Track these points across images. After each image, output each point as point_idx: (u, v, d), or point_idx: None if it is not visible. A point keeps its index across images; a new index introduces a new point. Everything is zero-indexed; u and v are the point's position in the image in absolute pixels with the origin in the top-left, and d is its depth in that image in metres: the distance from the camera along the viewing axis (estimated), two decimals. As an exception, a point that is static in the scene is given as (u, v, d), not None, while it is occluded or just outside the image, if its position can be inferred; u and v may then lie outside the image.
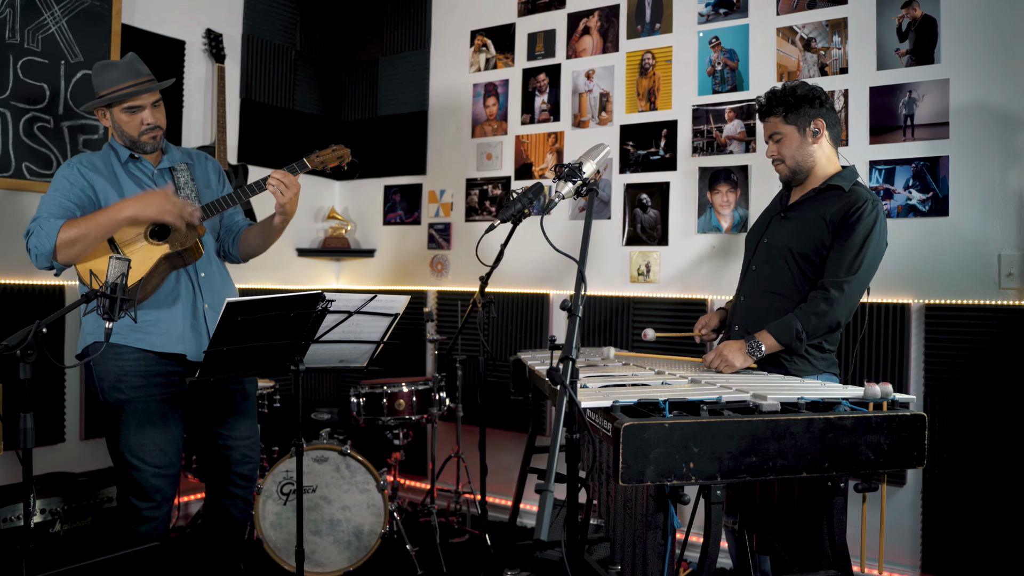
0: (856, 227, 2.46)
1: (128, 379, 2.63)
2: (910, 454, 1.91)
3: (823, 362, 2.60)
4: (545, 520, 1.38)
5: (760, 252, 2.71)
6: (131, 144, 2.75)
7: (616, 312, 3.98)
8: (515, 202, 2.91)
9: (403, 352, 4.75)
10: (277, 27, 4.69)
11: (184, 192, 2.79)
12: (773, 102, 2.63)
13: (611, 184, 4.04)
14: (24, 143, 3.50)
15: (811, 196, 2.62)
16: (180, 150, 2.96)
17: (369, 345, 2.70)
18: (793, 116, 2.60)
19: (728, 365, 2.47)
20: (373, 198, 4.97)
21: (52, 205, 2.60)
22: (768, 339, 2.48)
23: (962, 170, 3.18)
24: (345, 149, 2.96)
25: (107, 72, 2.71)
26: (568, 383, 1.58)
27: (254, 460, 2.91)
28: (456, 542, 3.92)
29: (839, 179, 2.59)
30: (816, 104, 2.59)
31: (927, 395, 3.22)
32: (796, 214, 2.65)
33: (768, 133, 2.69)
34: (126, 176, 2.75)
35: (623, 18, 4.03)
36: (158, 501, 2.67)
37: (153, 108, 2.73)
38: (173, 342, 2.67)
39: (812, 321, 2.45)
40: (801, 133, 2.60)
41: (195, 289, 2.75)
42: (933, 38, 3.23)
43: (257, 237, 2.96)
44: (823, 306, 2.44)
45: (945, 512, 3.18)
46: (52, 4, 3.58)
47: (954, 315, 3.18)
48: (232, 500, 2.88)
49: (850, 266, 2.46)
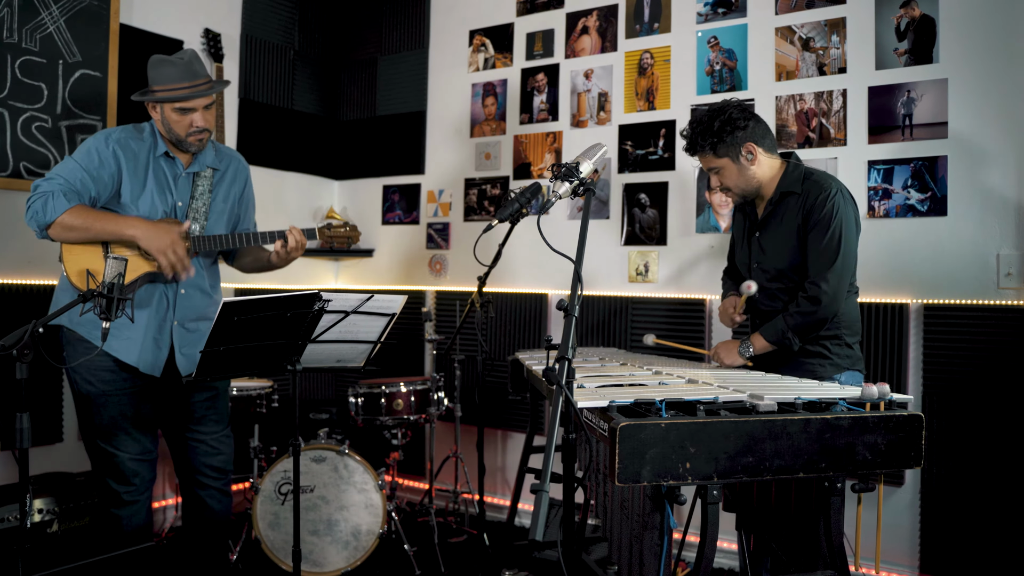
0: (819, 223, 2.50)
1: (99, 373, 2.65)
2: (907, 454, 1.90)
3: (847, 359, 2.61)
4: (540, 520, 1.38)
5: (756, 277, 2.71)
6: (176, 142, 2.73)
7: (615, 312, 3.98)
8: (513, 202, 2.90)
9: (402, 352, 4.74)
10: (275, 27, 4.69)
11: (196, 203, 2.79)
12: (698, 142, 2.63)
13: (610, 184, 4.04)
14: (22, 143, 3.50)
15: (771, 210, 2.65)
16: (216, 149, 2.90)
17: (366, 345, 2.69)
18: (722, 149, 2.60)
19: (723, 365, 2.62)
20: (372, 198, 4.97)
21: (72, 174, 2.57)
22: (759, 340, 2.59)
23: (961, 170, 3.17)
24: (358, 232, 3.06)
25: (164, 68, 2.66)
26: (564, 383, 1.58)
27: (225, 452, 2.90)
28: (455, 542, 3.91)
29: (788, 184, 2.60)
30: (739, 128, 2.57)
31: (925, 395, 3.22)
32: (768, 233, 2.67)
33: (704, 167, 2.72)
34: (152, 173, 2.72)
35: (622, 18, 4.02)
36: (137, 485, 2.69)
37: (205, 111, 2.70)
38: (128, 352, 2.66)
39: (798, 319, 2.51)
40: (736, 162, 2.61)
41: (169, 305, 2.74)
42: (932, 38, 3.22)
43: (252, 263, 3.03)
44: (808, 305, 2.50)
45: (944, 512, 3.18)
46: (50, 4, 3.58)
47: (953, 315, 3.18)
48: (207, 491, 2.87)
49: (827, 261, 2.49)
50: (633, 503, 1.98)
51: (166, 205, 2.73)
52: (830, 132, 3.43)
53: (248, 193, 3.02)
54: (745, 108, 2.62)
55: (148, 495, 2.77)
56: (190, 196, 2.79)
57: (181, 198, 2.77)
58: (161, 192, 2.73)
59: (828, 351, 2.57)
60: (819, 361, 2.57)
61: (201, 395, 2.86)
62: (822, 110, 3.44)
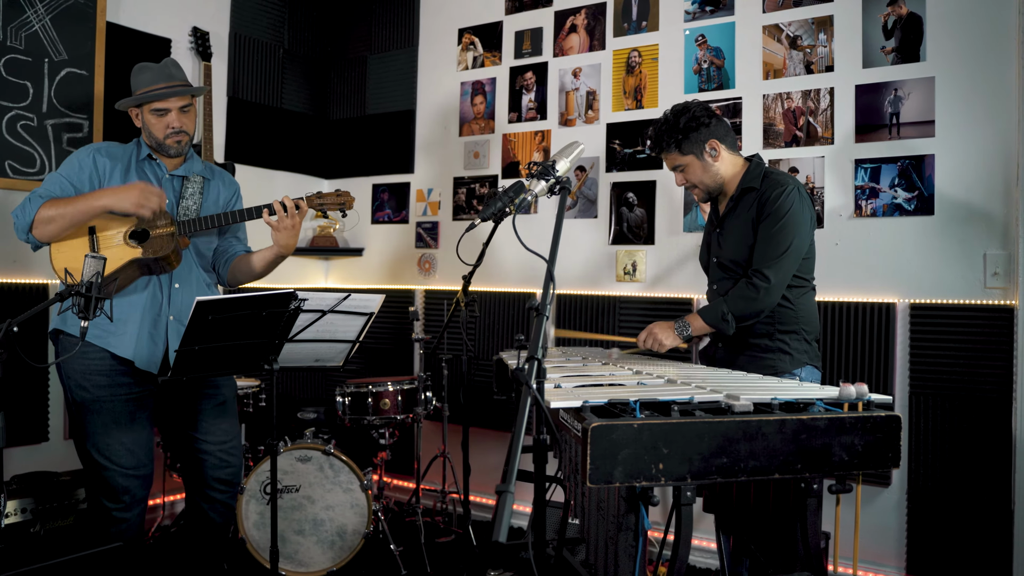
0: (771, 215, 2.55)
1: (93, 378, 2.62)
2: (885, 455, 1.89)
3: (805, 355, 2.65)
4: (504, 522, 1.37)
5: (713, 272, 2.80)
6: (157, 146, 2.76)
7: (602, 311, 3.97)
8: (495, 200, 2.87)
9: (391, 351, 4.73)
10: (265, 25, 4.67)
11: (187, 202, 2.79)
12: (663, 140, 2.69)
13: (597, 183, 4.02)
14: (7, 141, 3.48)
15: (732, 206, 2.71)
16: (206, 165, 2.95)
17: (345, 344, 2.68)
18: (687, 146, 2.66)
19: (659, 344, 2.67)
20: (362, 197, 4.95)
21: (53, 183, 2.65)
22: (696, 321, 2.64)
23: (947, 169, 3.16)
24: (350, 197, 2.90)
25: (142, 73, 2.75)
26: (532, 383, 1.56)
27: (234, 464, 2.86)
28: (442, 542, 3.90)
29: (749, 180, 2.66)
30: (703, 126, 2.64)
31: (912, 395, 3.20)
32: (728, 227, 2.73)
33: (670, 166, 2.77)
34: (136, 174, 2.75)
35: (610, 16, 4.01)
36: (127, 503, 2.64)
37: (180, 112, 2.74)
38: (125, 347, 2.64)
39: (739, 304, 2.56)
40: (700, 158, 2.68)
41: (163, 299, 2.72)
42: (919, 36, 3.21)
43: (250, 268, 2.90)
44: (750, 292, 2.54)
45: (930, 512, 3.16)
46: (35, 2, 3.56)
47: (939, 315, 3.16)
48: (211, 504, 2.83)
49: (773, 253, 2.54)
50: (609, 504, 1.97)
51: None
52: (817, 131, 3.41)
53: (238, 203, 3.02)
54: (707, 108, 2.69)
55: (140, 511, 2.71)
56: (179, 196, 2.80)
57: (167, 198, 2.76)
58: None
59: (788, 346, 2.62)
60: (779, 356, 2.61)
61: (209, 402, 2.82)
62: (809, 108, 3.43)
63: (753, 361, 2.62)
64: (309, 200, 2.80)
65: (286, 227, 2.71)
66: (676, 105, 2.72)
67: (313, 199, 2.82)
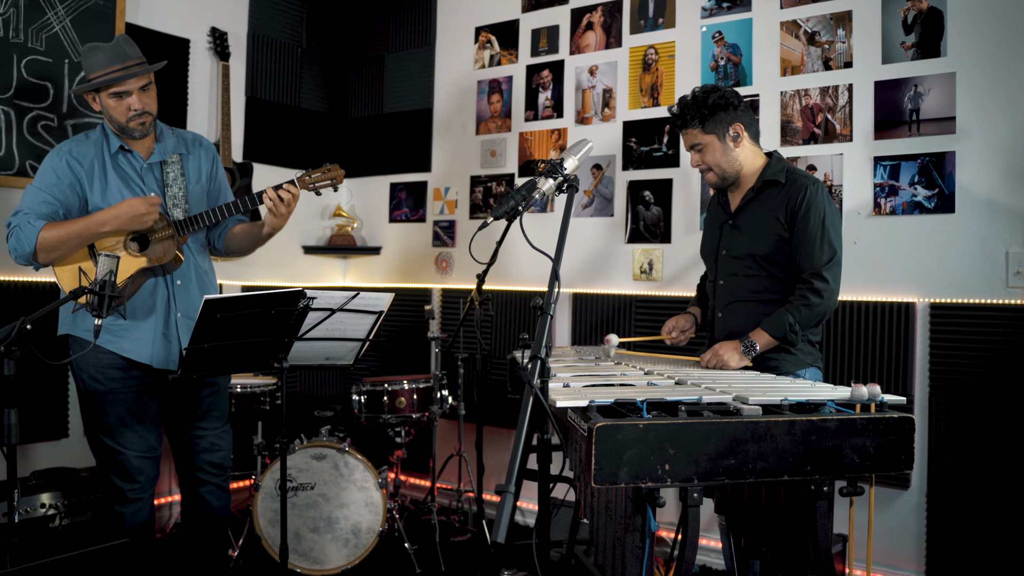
0: (810, 215, 2.50)
1: (106, 371, 2.65)
2: (897, 457, 1.86)
3: (810, 356, 2.62)
4: (504, 522, 1.36)
5: (723, 265, 2.73)
6: (120, 130, 2.68)
7: (618, 310, 3.94)
8: (508, 199, 2.87)
9: (408, 350, 4.74)
10: (283, 25, 4.70)
11: (172, 189, 2.75)
12: (688, 114, 2.63)
13: (614, 181, 4.00)
14: (27, 141, 3.53)
15: (752, 197, 2.64)
16: (175, 134, 2.86)
17: (355, 343, 2.68)
18: (710, 125, 2.60)
19: (724, 366, 2.50)
20: (379, 195, 4.97)
21: (36, 201, 2.58)
22: (762, 337, 2.52)
23: (969, 166, 3.10)
24: (339, 171, 2.79)
25: (94, 55, 2.60)
26: (535, 382, 1.55)
27: (223, 448, 2.90)
28: (458, 540, 3.90)
29: (772, 173, 2.61)
30: (731, 109, 2.59)
31: (932, 396, 3.15)
32: (745, 219, 2.66)
33: (688, 144, 2.69)
34: (114, 171, 2.69)
35: (626, 13, 3.99)
36: (141, 482, 2.71)
37: (141, 93, 2.62)
38: (140, 351, 2.66)
39: (804, 313, 2.48)
40: (721, 140, 2.62)
41: (170, 298, 2.73)
42: (939, 31, 3.15)
43: (243, 240, 2.91)
44: (813, 298, 2.48)
45: (950, 516, 3.11)
46: (56, 3, 3.61)
47: (960, 314, 3.11)
48: (206, 487, 2.87)
49: (824, 254, 2.49)
50: (617, 505, 1.95)
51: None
52: (835, 128, 3.37)
53: (219, 170, 2.97)
54: (737, 93, 2.64)
55: (151, 492, 2.78)
56: (163, 185, 2.74)
57: (152, 190, 2.72)
58: (127, 185, 2.70)
59: (796, 349, 2.57)
60: (783, 356, 2.57)
61: (205, 391, 2.86)
62: (827, 105, 3.39)
63: (757, 363, 2.57)
64: (300, 180, 2.72)
65: (282, 214, 2.67)
66: (706, 85, 2.65)
67: (304, 179, 2.73)
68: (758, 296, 2.62)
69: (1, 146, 3.44)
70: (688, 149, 2.71)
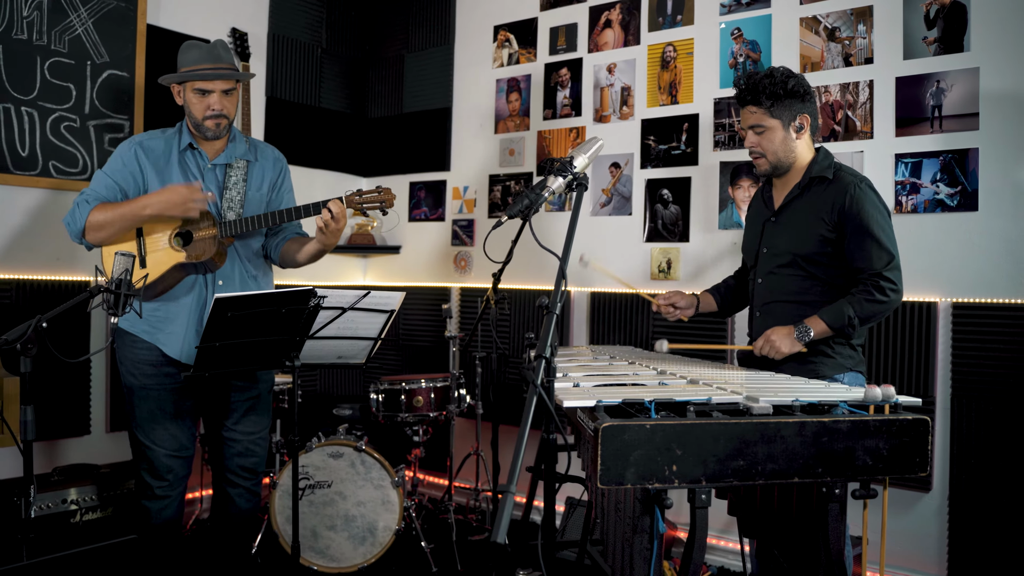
0: (861, 215, 2.40)
1: (141, 367, 2.70)
2: (911, 460, 1.82)
3: (850, 360, 2.52)
4: (503, 522, 1.35)
5: (763, 263, 2.64)
6: (195, 126, 2.76)
7: (636, 309, 3.92)
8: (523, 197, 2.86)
9: (429, 348, 4.75)
10: (303, 25, 4.72)
11: (231, 192, 2.78)
12: (760, 91, 2.49)
13: (632, 180, 3.98)
14: (51, 142, 3.58)
15: (797, 194, 2.55)
16: (249, 143, 2.90)
17: (367, 341, 2.69)
18: (779, 109, 2.49)
19: (776, 351, 2.42)
20: (399, 195, 4.96)
21: (100, 184, 2.69)
22: (819, 324, 2.41)
23: (992, 163, 3.04)
24: (391, 195, 2.73)
25: (189, 51, 2.74)
26: (539, 382, 1.55)
27: (258, 455, 2.92)
28: (474, 540, 3.90)
29: (819, 169, 2.51)
30: (807, 97, 2.51)
31: (954, 397, 3.10)
32: (789, 216, 2.57)
33: (748, 123, 2.56)
34: (178, 165, 2.76)
35: (644, 11, 3.96)
36: (170, 481, 2.75)
37: (223, 96, 2.71)
38: (172, 345, 2.70)
39: (868, 307, 2.38)
40: (785, 128, 2.51)
41: (207, 297, 2.75)
42: (963, 25, 3.10)
43: (297, 255, 2.88)
44: (880, 296, 2.37)
45: (973, 519, 3.05)
46: (78, 6, 3.66)
47: (984, 314, 3.05)
48: (236, 489, 2.90)
49: (883, 253, 2.39)
50: (625, 505, 1.94)
51: None
52: (856, 125, 3.32)
53: (286, 182, 2.99)
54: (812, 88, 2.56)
55: (181, 490, 2.81)
56: (223, 187, 2.78)
57: (209, 190, 2.75)
58: (186, 180, 2.74)
59: (832, 351, 2.48)
60: (822, 360, 2.47)
61: (241, 395, 2.87)
62: (848, 102, 3.34)
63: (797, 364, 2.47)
64: (348, 199, 2.69)
65: (333, 231, 2.64)
66: (782, 67, 2.54)
67: (353, 198, 2.70)
68: (797, 297, 2.53)
69: (25, 147, 3.49)
70: (745, 128, 2.57)
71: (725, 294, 2.90)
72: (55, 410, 3.54)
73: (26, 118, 3.50)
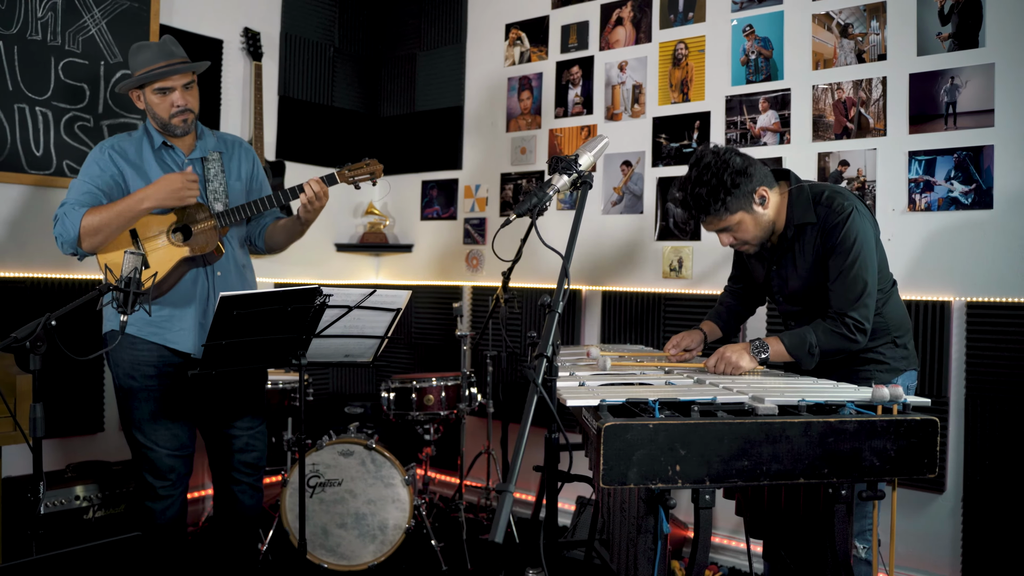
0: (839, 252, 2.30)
1: (142, 368, 2.71)
2: (919, 461, 1.80)
3: (903, 361, 2.45)
4: (501, 522, 1.35)
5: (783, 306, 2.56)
6: (162, 127, 2.76)
7: (648, 308, 3.90)
8: (530, 196, 2.85)
9: (441, 347, 4.75)
10: (315, 24, 4.74)
11: (213, 184, 2.81)
12: (710, 204, 2.32)
13: (643, 178, 3.96)
14: (65, 142, 3.61)
15: (788, 244, 2.43)
16: (216, 136, 2.95)
17: (374, 340, 2.69)
18: (735, 202, 2.31)
19: (735, 368, 2.30)
20: (411, 193, 4.99)
21: (79, 191, 2.66)
22: (777, 345, 2.32)
23: (1007, 160, 3.00)
24: (378, 165, 2.87)
25: (140, 53, 2.72)
26: (540, 381, 1.54)
27: (258, 449, 2.94)
28: (485, 538, 3.90)
29: (801, 215, 2.37)
30: (747, 174, 2.31)
31: (968, 398, 3.06)
32: (789, 268, 2.46)
33: (715, 229, 2.43)
34: (156, 165, 2.77)
35: (656, 8, 3.94)
36: (172, 480, 2.77)
37: (184, 90, 2.72)
38: (183, 340, 2.72)
39: (830, 340, 2.28)
40: (750, 212, 2.35)
41: (210, 289, 2.78)
42: (978, 21, 3.05)
43: (282, 234, 2.98)
44: (844, 331, 2.27)
45: (987, 520, 3.02)
46: (92, 6, 3.68)
47: (998, 314, 3.01)
48: (239, 486, 2.92)
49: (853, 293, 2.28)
50: (630, 505, 1.93)
51: None
52: (869, 122, 3.28)
53: (259, 171, 3.04)
54: (736, 150, 2.37)
55: (183, 489, 2.84)
56: (205, 180, 2.81)
57: None
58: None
59: (883, 356, 2.41)
60: (875, 367, 2.40)
61: (239, 391, 2.89)
62: (861, 99, 3.30)
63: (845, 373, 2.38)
64: (340, 174, 2.81)
65: (316, 209, 2.75)
66: (703, 158, 2.34)
67: (344, 172, 2.82)
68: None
69: (39, 146, 3.53)
70: (715, 231, 2.44)
71: (728, 319, 2.83)
72: (69, 408, 3.57)
73: (40, 118, 3.53)
